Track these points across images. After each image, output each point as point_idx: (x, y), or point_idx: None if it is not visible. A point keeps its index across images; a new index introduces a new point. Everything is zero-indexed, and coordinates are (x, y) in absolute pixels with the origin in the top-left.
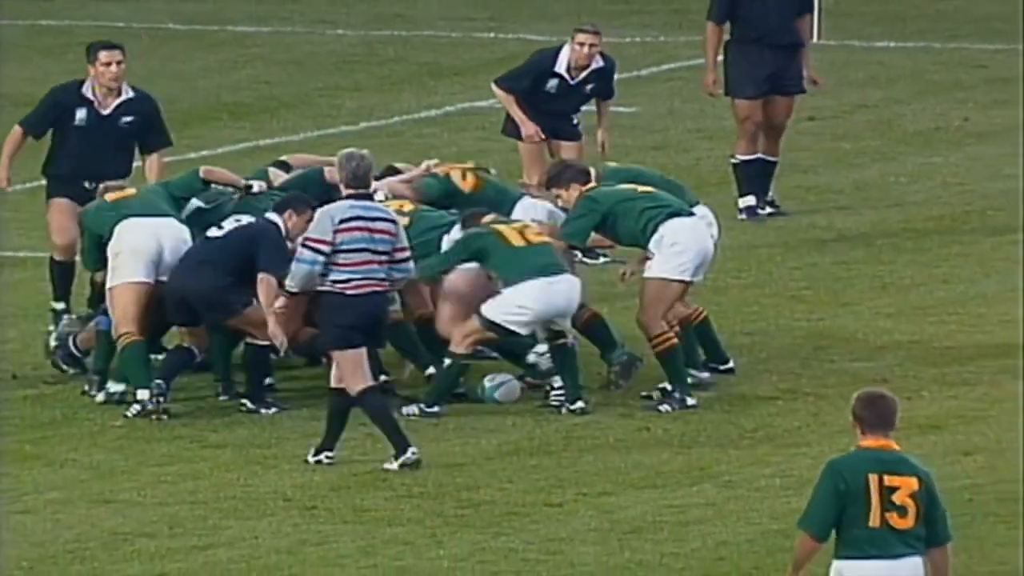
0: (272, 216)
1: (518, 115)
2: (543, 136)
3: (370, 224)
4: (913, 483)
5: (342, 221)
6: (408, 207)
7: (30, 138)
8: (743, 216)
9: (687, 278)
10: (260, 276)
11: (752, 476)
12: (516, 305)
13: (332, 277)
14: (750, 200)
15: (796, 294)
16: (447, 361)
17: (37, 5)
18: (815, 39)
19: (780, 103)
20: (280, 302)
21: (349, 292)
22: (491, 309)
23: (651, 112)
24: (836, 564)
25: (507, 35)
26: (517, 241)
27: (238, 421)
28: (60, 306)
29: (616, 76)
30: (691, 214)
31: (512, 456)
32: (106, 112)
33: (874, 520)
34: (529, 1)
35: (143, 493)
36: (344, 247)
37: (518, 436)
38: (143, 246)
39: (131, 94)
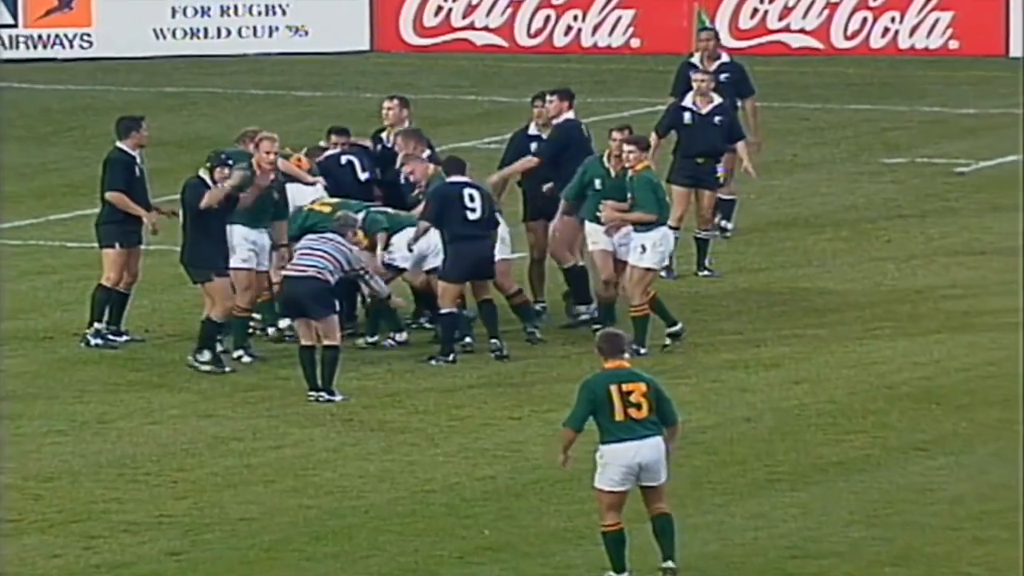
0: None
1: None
2: None
3: None
4: (642, 387)
5: None
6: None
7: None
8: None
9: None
10: None
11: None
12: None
13: None
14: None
15: (680, 276)
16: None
17: (163, 76)
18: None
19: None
20: None
21: None
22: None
23: None
24: (601, 448)
25: (484, 97)
26: None
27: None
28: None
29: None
30: None
31: (487, 386)
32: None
33: (619, 415)
34: (498, 74)
35: (236, 410)
36: None
37: (491, 371)
38: None
39: None
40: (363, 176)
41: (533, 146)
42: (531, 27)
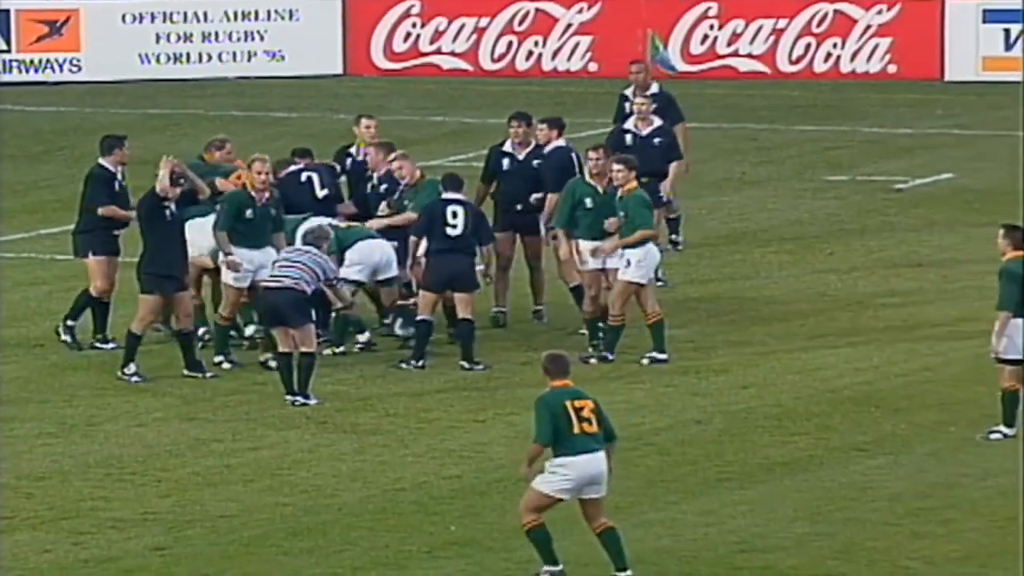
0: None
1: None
2: None
3: None
4: (590, 404)
5: None
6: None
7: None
8: None
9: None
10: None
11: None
12: None
13: None
14: None
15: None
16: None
17: (148, 99)
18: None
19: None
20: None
21: None
22: None
23: None
24: (559, 460)
25: (450, 118)
26: None
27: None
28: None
29: None
30: None
31: (453, 390)
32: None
33: (576, 429)
34: (463, 97)
35: (216, 413)
36: None
37: (457, 376)
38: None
39: None
40: (321, 193)
41: (506, 162)
42: (495, 52)
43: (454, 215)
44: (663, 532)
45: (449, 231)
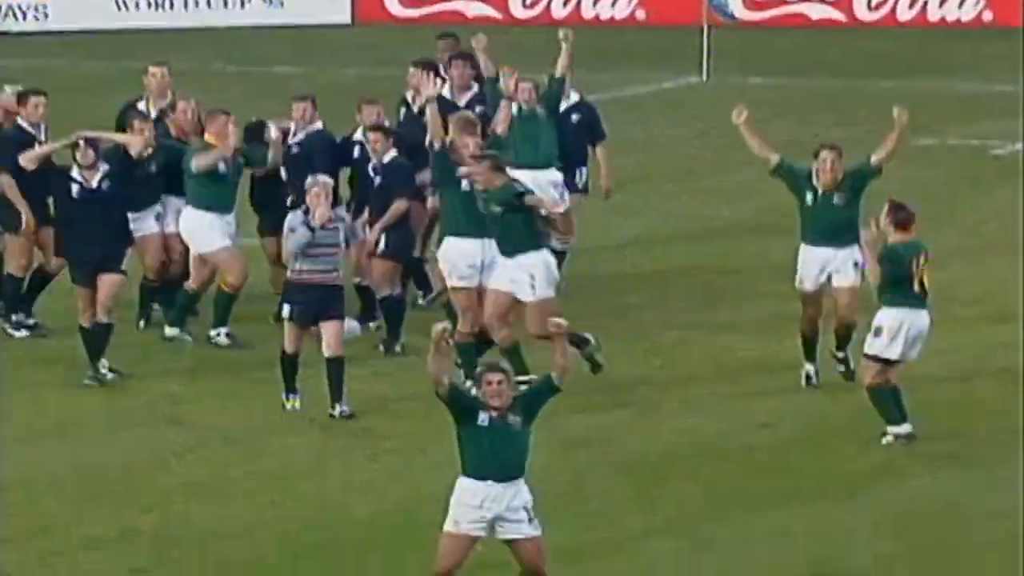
0: None
1: None
2: None
3: None
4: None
5: None
6: None
7: None
8: None
9: None
10: None
11: (659, 401)
12: None
13: None
14: None
15: (694, 264)
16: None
17: (124, 50)
18: (704, 78)
19: None
20: None
21: None
22: None
23: None
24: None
25: None
26: None
27: (275, 363)
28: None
29: None
30: None
31: None
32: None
33: None
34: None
35: (207, 416)
36: None
37: None
38: None
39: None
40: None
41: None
42: None
43: None
44: (726, 552)
45: None
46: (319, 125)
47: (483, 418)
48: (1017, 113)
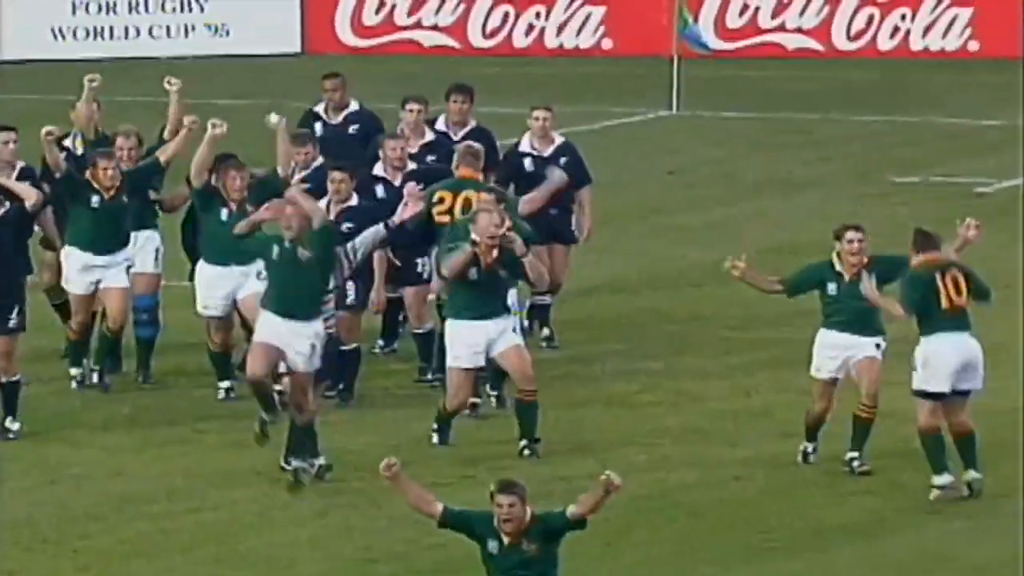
0: None
1: None
2: None
3: None
4: None
5: None
6: None
7: None
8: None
9: None
10: None
11: (625, 453)
12: None
13: None
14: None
15: (658, 310)
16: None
17: (63, 82)
18: (674, 110)
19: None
20: None
21: None
22: None
23: None
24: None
25: (434, 107)
26: None
27: (217, 412)
28: None
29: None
30: None
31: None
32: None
33: None
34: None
35: (148, 467)
36: None
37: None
38: None
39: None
40: None
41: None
42: (487, 26)
43: None
44: None
45: None
46: (319, 162)
47: (492, 546)
48: (1003, 148)
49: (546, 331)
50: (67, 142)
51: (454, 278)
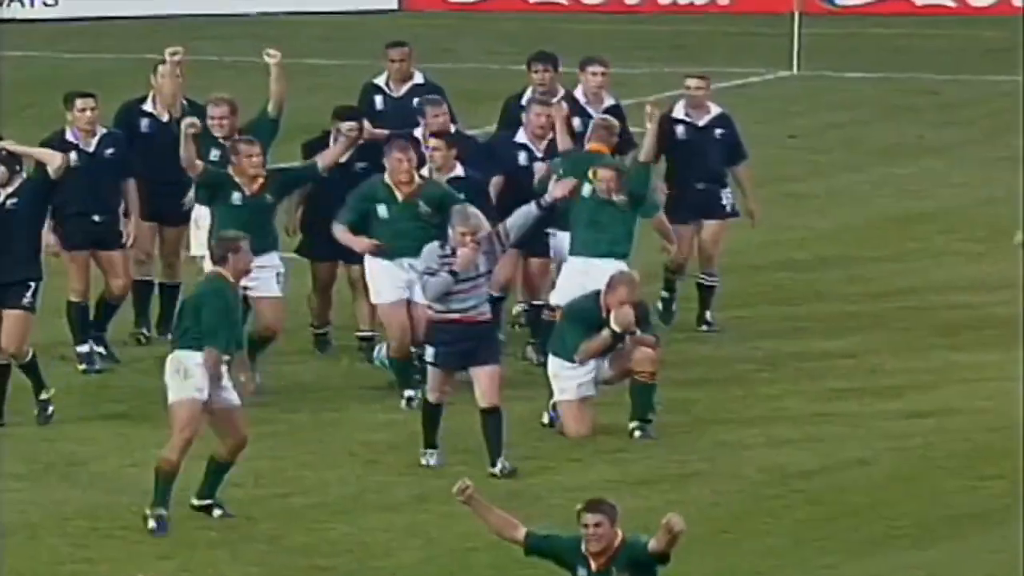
0: None
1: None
2: None
3: None
4: None
5: None
6: None
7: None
8: None
9: None
10: None
11: (741, 436)
12: None
13: None
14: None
15: (778, 284)
16: None
17: (141, 40)
18: (795, 70)
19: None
20: None
21: None
22: None
23: None
24: None
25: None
26: None
27: (311, 389)
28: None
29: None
30: None
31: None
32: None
33: None
34: (555, 39)
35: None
36: None
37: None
38: None
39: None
40: None
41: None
42: None
43: None
44: None
45: None
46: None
47: (582, 574)
48: None
49: (708, 314)
50: (146, 106)
51: (585, 360)
